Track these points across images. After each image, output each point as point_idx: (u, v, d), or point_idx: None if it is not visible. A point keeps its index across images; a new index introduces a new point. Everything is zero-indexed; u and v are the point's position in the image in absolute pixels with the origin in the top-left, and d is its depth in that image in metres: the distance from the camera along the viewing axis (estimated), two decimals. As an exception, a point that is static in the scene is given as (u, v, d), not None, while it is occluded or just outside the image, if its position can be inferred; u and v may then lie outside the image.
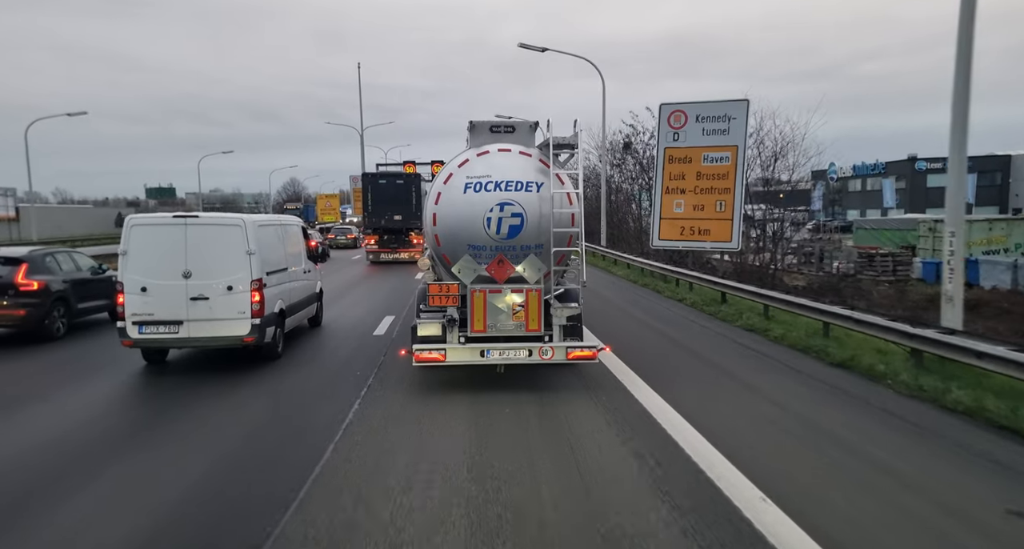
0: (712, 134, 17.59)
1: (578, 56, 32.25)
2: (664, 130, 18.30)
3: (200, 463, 6.14)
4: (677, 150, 18.00)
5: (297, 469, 5.85)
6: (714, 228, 17.68)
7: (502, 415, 7.48)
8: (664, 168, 18.36)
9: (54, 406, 8.20)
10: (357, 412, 7.65)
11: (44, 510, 5.19)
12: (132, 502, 5.35)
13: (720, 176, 17.47)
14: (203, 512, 5.15)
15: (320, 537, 4.65)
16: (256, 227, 9.81)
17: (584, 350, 8.39)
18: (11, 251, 12.97)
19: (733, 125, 17.44)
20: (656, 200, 18.55)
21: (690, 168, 17.86)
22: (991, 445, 6.44)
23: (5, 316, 11.63)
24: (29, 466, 6.16)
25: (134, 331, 9.28)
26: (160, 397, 8.62)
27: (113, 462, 6.26)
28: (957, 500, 5.24)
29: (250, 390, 8.78)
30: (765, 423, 7.21)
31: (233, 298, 9.40)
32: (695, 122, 17.74)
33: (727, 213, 17.46)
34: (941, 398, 7.80)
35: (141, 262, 9.31)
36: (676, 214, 18.18)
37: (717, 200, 17.50)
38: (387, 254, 28.64)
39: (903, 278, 28.40)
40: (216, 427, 7.30)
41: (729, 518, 4.86)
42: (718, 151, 17.55)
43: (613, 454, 6.27)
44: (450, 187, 8.49)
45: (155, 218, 9.85)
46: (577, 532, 4.73)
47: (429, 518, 4.91)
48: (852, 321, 10.56)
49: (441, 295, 8.47)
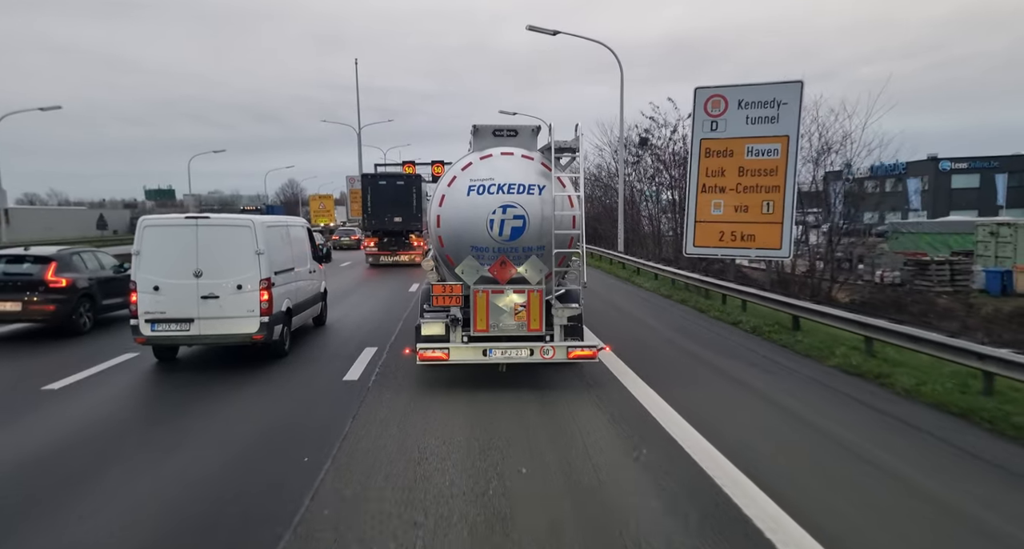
0: (758, 122, 15.03)
1: (595, 40, 28.34)
2: (700, 119, 15.65)
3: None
4: (716, 142, 15.50)
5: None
6: (760, 233, 15.24)
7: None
8: (700, 163, 15.73)
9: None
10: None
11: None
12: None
13: (767, 172, 14.98)
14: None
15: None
16: (265, 228, 10.08)
17: (585, 349, 8.57)
18: (41, 250, 13.61)
19: (783, 111, 14.76)
20: (690, 201, 16.10)
21: (731, 163, 15.39)
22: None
23: (36, 311, 12.27)
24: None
25: (147, 329, 9.55)
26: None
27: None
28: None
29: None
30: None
31: (243, 297, 9.66)
32: (737, 109, 15.20)
33: (775, 215, 14.98)
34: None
35: (154, 262, 9.57)
36: (714, 217, 15.64)
37: (764, 200, 15.09)
38: (387, 256, 28.18)
39: (961, 289, 24.40)
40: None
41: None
42: (765, 142, 14.97)
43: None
44: (454, 189, 8.70)
45: (167, 219, 10.11)
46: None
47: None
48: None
49: (445, 295, 8.67)
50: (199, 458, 6.38)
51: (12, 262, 12.80)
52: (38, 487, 5.68)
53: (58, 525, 4.98)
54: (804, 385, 9.03)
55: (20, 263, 12.76)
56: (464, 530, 4.82)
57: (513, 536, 4.74)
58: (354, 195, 49.44)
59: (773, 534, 4.73)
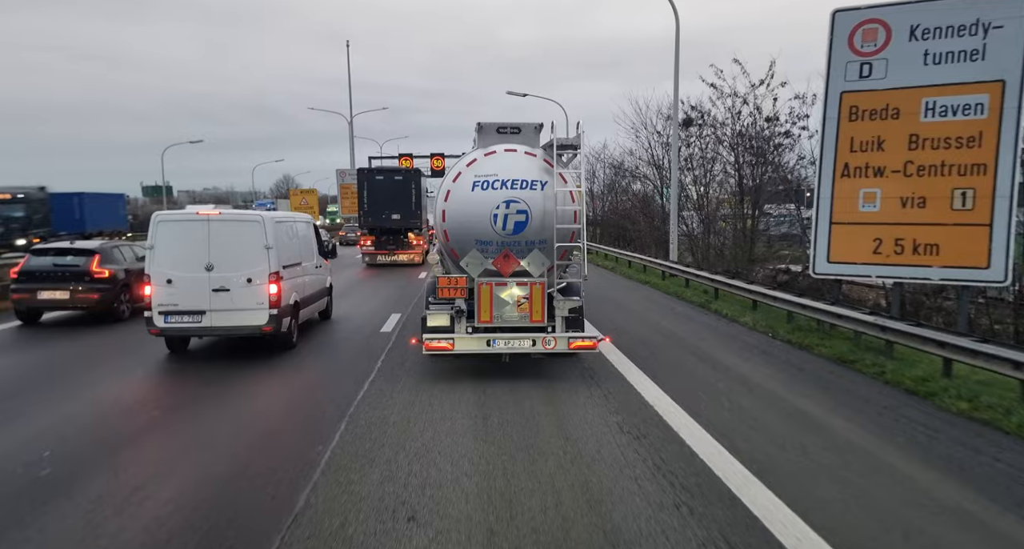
0: (947, 62, 9.82)
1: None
2: (840, 60, 10.64)
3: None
4: (869, 96, 10.44)
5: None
6: (949, 240, 9.93)
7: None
8: (839, 131, 10.74)
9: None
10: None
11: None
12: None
13: (964, 142, 9.73)
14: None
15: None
16: (273, 223, 10.38)
17: (585, 340, 8.87)
18: (85, 244, 15.03)
19: (995, 40, 9.45)
20: (823, 191, 11.04)
21: (896, 129, 10.24)
22: None
23: (81, 299, 13.41)
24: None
25: (160, 320, 9.85)
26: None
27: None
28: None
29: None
30: None
31: (252, 290, 9.94)
32: (908, 41, 10.09)
33: (978, 213, 9.67)
34: None
35: (167, 256, 9.87)
36: (865, 215, 10.62)
37: (955, 187, 9.80)
38: (384, 256, 26.60)
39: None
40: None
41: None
42: (960, 93, 9.73)
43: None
44: (459, 185, 8.99)
45: (180, 214, 10.40)
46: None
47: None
48: None
49: (450, 287, 8.95)
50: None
51: (59, 254, 13.88)
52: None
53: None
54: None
55: (66, 255, 13.83)
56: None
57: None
58: (344, 190, 43.26)
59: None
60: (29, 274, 13.38)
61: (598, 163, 40.54)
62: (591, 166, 39.18)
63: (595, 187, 41.38)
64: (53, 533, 4.78)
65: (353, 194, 29.16)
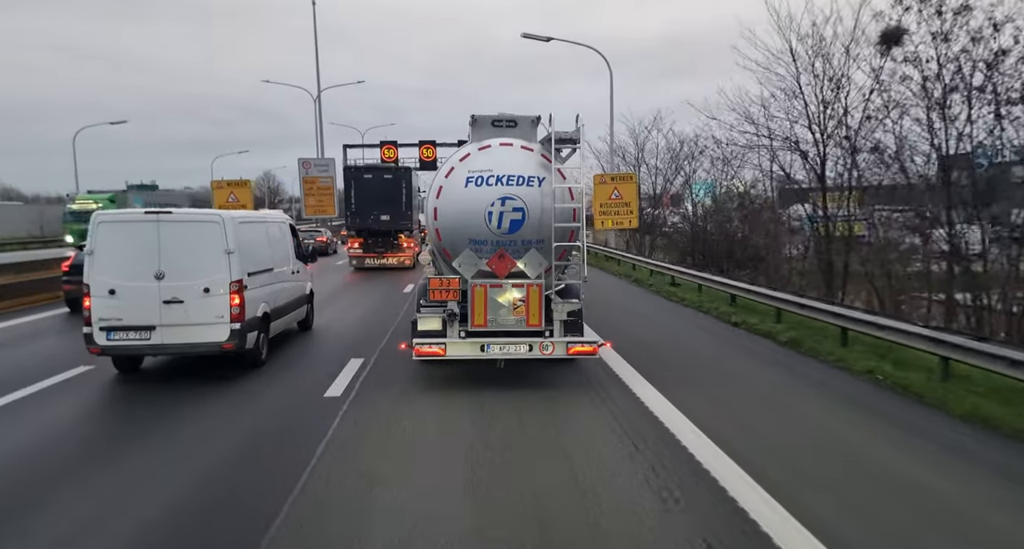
0: None
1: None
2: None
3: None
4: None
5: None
6: None
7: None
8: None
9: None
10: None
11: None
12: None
13: None
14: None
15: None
16: (236, 224, 9.29)
17: (584, 345, 8.45)
18: None
19: None
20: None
21: None
22: None
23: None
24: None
25: (101, 337, 8.59)
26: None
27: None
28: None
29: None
30: None
31: (210, 301, 8.85)
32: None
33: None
34: None
35: (109, 262, 8.66)
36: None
37: None
38: (372, 259, 25.20)
39: None
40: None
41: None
42: None
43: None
44: (452, 181, 8.50)
45: (124, 214, 9.23)
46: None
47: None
48: None
49: (442, 289, 8.36)
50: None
51: None
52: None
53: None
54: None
55: None
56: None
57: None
58: (308, 185, 34.54)
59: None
60: (78, 268, 12.24)
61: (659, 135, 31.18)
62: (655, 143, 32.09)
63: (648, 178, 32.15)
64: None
65: (319, 189, 26.44)
